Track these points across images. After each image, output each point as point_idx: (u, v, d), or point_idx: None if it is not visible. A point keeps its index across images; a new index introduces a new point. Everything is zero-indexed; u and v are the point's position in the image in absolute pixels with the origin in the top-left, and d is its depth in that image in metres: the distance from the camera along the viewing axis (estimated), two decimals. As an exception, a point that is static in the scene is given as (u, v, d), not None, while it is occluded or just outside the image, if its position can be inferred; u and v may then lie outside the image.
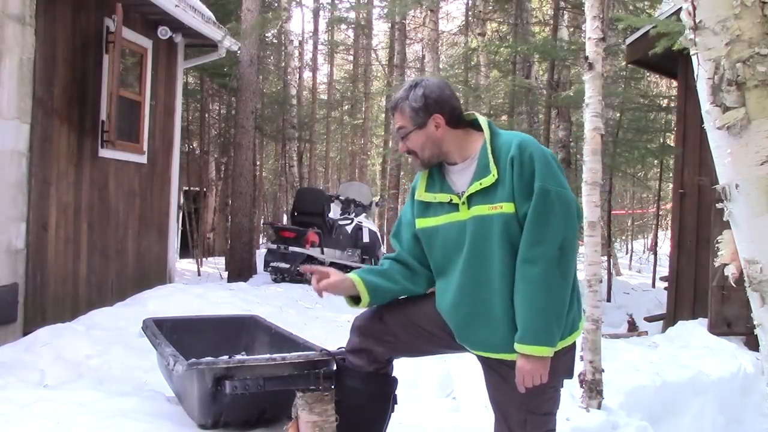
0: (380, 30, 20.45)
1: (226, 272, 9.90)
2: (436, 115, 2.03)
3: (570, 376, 2.05)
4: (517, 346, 1.90)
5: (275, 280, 9.01)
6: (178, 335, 3.27)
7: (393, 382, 2.31)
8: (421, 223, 2.10)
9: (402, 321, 2.15)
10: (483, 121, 2.06)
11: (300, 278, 9.00)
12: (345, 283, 2.13)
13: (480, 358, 2.11)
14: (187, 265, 10.56)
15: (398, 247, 2.20)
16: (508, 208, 1.92)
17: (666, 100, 11.13)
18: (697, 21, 1.34)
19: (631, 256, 15.54)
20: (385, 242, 11.41)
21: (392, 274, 2.15)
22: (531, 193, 1.89)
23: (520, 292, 1.90)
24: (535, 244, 1.88)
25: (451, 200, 2.02)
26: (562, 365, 2.01)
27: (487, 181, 1.95)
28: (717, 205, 1.46)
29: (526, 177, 1.91)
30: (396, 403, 2.35)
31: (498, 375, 2.06)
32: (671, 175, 8.73)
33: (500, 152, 1.97)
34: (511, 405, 2.01)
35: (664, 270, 9.41)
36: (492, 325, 1.97)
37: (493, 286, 1.95)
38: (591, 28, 3.68)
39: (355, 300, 2.16)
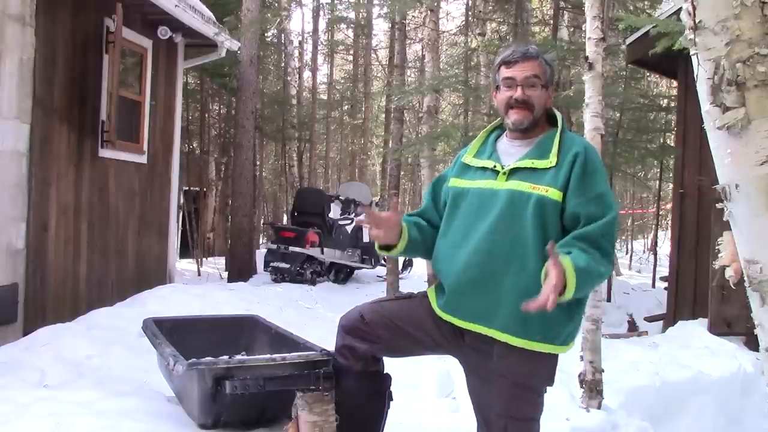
0: (380, 30, 20.46)
1: (226, 272, 9.90)
2: (552, 87, 2.11)
3: (551, 383, 2.03)
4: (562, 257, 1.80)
5: (275, 280, 9.01)
6: (178, 335, 3.27)
7: (386, 380, 2.32)
8: (455, 182, 2.12)
9: (385, 322, 2.14)
10: (558, 115, 2.11)
11: (300, 278, 9.01)
12: (393, 233, 2.07)
13: (461, 354, 2.10)
14: (187, 265, 10.55)
15: (430, 200, 2.22)
16: (554, 194, 1.92)
17: (666, 100, 11.11)
18: (697, 21, 1.34)
19: (631, 256, 15.52)
20: (385, 242, 11.38)
21: (426, 234, 2.16)
22: (582, 194, 1.92)
23: (583, 252, 1.85)
24: (602, 238, 1.89)
25: (495, 167, 2.04)
26: (546, 370, 2.00)
27: (541, 164, 1.97)
28: (717, 205, 1.46)
29: (585, 180, 1.93)
30: (391, 399, 2.35)
31: (479, 378, 2.05)
32: (671, 175, 8.72)
33: (565, 145, 2.00)
34: (492, 411, 2.00)
35: (664, 270, 9.40)
36: (494, 298, 1.94)
37: (511, 261, 1.93)
38: (591, 28, 3.68)
39: (385, 247, 2.14)
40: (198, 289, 6.66)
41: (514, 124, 2.06)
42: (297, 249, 9.08)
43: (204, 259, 11.06)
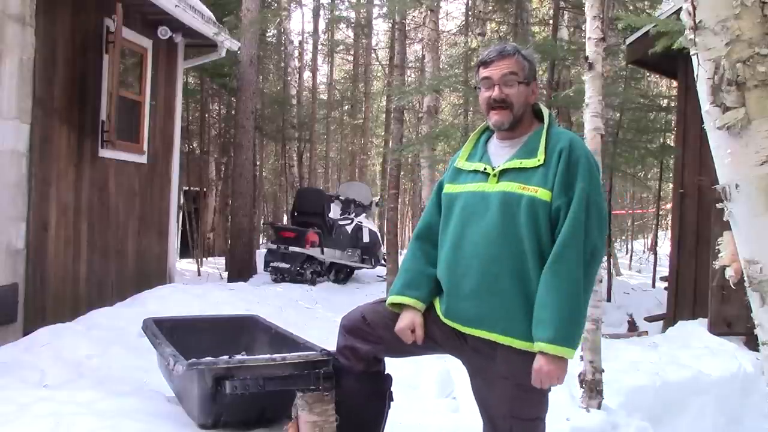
0: (380, 30, 20.46)
1: (226, 272, 9.89)
2: (536, 82, 2.09)
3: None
4: (544, 346, 1.84)
5: (275, 280, 9.01)
6: (178, 335, 3.27)
7: (387, 380, 2.31)
8: (449, 188, 2.12)
9: (386, 323, 2.14)
10: (545, 110, 2.09)
11: (300, 278, 9.01)
12: (419, 317, 2.09)
13: (464, 356, 2.10)
14: (187, 265, 10.55)
15: (434, 208, 2.19)
16: (543, 195, 1.92)
17: (666, 100, 11.11)
18: (697, 21, 1.34)
19: (631, 256, 15.51)
20: (384, 242, 11.40)
21: (426, 270, 2.12)
22: (569, 190, 1.91)
23: (554, 288, 1.86)
24: (570, 245, 1.88)
25: (485, 169, 2.04)
26: None
27: (529, 163, 1.97)
28: (717, 205, 1.46)
29: (570, 174, 1.92)
30: (392, 400, 2.35)
31: (483, 380, 2.04)
32: (671, 175, 8.72)
33: (551, 141, 1.99)
34: (497, 412, 2.00)
35: (664, 270, 9.40)
36: (495, 302, 1.94)
37: (508, 264, 1.93)
38: (591, 28, 3.68)
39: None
40: (198, 289, 6.66)
41: (495, 125, 2.06)
42: (297, 249, 9.08)
43: (204, 259, 11.06)
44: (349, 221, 10.49)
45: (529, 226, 1.91)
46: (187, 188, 11.34)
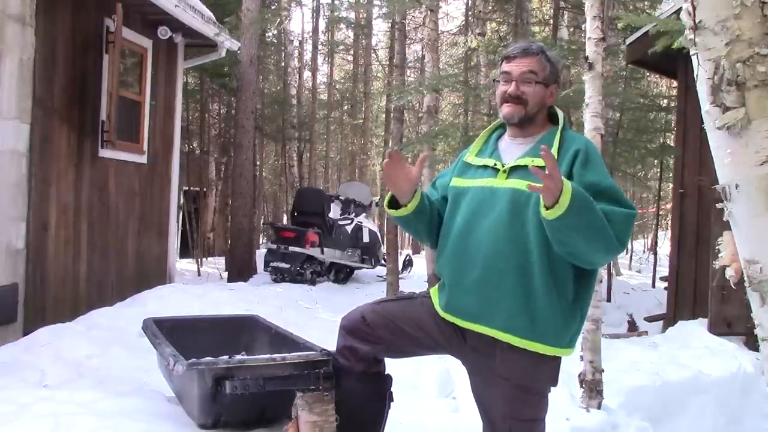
0: (380, 30, 20.49)
1: (226, 272, 9.90)
2: (555, 85, 2.10)
3: (555, 384, 2.03)
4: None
5: (275, 280, 9.02)
6: (178, 335, 3.27)
7: (387, 380, 2.31)
8: (457, 182, 2.12)
9: (386, 323, 2.14)
10: (560, 113, 2.10)
11: (300, 278, 9.01)
12: (408, 188, 2.06)
13: (463, 356, 2.10)
14: (187, 265, 10.55)
15: (434, 193, 2.23)
16: None
17: (666, 100, 11.11)
18: (697, 21, 1.34)
19: (631, 256, 15.49)
20: (384, 242, 11.41)
21: (434, 209, 2.16)
22: (595, 186, 1.88)
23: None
24: (616, 211, 1.85)
25: (495, 165, 2.04)
26: (548, 372, 1.99)
27: (541, 161, 1.93)
28: (717, 205, 1.46)
29: (586, 176, 1.91)
30: (392, 400, 2.34)
31: (482, 380, 2.04)
32: (671, 175, 8.72)
33: (565, 143, 2.00)
34: (496, 412, 2.00)
35: (664, 270, 9.40)
36: (496, 297, 1.93)
37: (513, 261, 1.92)
38: (591, 28, 3.69)
39: (393, 205, 2.14)
40: (198, 289, 6.66)
41: (505, 118, 2.07)
42: (297, 249, 9.09)
43: (204, 259, 11.06)
44: (349, 221, 10.50)
45: (537, 224, 1.90)
46: (187, 188, 11.34)
